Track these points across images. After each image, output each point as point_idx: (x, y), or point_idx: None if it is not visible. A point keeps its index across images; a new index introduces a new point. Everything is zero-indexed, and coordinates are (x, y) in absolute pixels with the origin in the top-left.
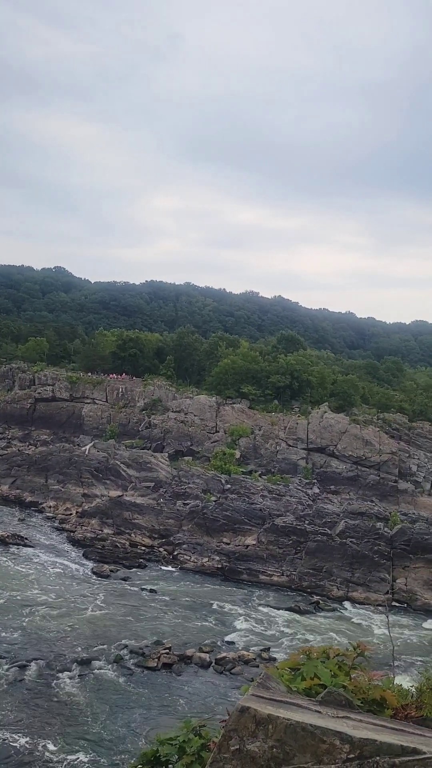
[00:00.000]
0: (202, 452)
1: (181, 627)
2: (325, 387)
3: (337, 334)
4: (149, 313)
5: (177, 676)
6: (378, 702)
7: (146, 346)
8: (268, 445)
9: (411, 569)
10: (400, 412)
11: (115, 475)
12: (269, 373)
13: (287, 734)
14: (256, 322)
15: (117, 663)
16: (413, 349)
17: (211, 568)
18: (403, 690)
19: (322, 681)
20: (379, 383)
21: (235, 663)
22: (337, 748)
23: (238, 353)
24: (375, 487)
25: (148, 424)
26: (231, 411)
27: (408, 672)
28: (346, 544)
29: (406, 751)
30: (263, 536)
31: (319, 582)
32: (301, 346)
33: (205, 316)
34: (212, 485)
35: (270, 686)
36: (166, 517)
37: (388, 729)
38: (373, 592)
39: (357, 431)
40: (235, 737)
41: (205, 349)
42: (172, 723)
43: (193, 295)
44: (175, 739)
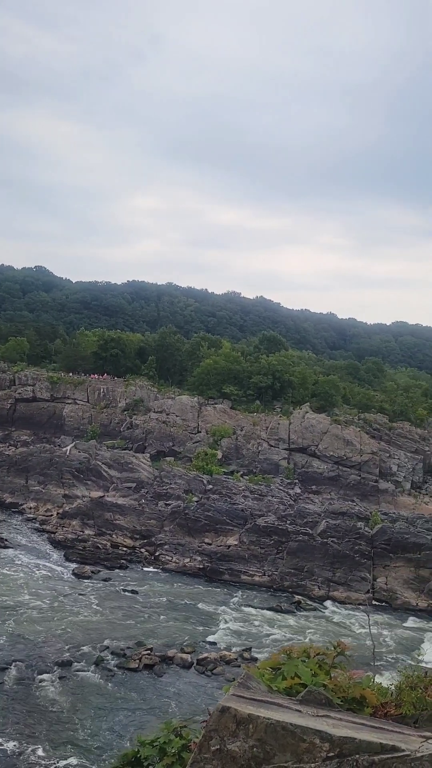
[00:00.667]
0: (183, 453)
1: (163, 628)
2: (307, 387)
3: (318, 335)
4: (131, 313)
5: (158, 677)
6: (358, 700)
7: (128, 346)
8: (249, 446)
9: (391, 568)
10: (380, 412)
11: (97, 476)
12: (251, 373)
13: (267, 734)
14: (238, 322)
15: (98, 665)
16: (394, 350)
17: (193, 568)
18: (383, 688)
19: (302, 680)
20: (360, 384)
21: (216, 663)
22: (317, 747)
23: (220, 354)
24: (356, 487)
25: (129, 424)
26: (213, 411)
27: (388, 670)
28: (328, 544)
29: (385, 749)
30: (245, 536)
31: (300, 582)
32: (282, 347)
33: (187, 316)
34: (194, 486)
35: (251, 686)
36: (147, 518)
37: (368, 727)
38: (354, 592)
39: (338, 431)
40: (215, 737)
41: (187, 349)
42: (153, 724)
43: (175, 296)
44: (156, 741)
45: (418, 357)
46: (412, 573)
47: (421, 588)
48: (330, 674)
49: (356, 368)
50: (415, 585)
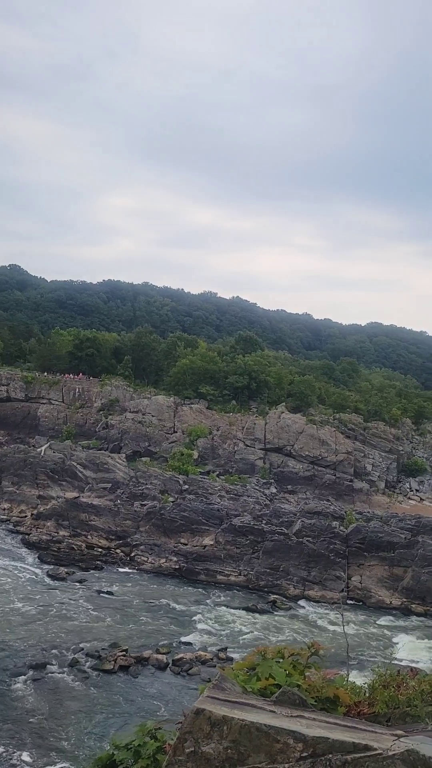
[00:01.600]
0: (159, 453)
1: (138, 629)
2: (283, 387)
3: (294, 335)
4: (106, 312)
5: (134, 678)
6: (331, 700)
7: (103, 345)
8: (225, 446)
9: (365, 567)
10: (355, 412)
11: (72, 477)
12: (227, 373)
13: (242, 735)
14: (214, 322)
15: (73, 666)
16: (368, 350)
17: (169, 568)
18: (356, 687)
19: (276, 681)
20: (335, 384)
21: (192, 663)
22: (291, 747)
23: (196, 353)
24: (331, 487)
25: (105, 424)
26: (189, 411)
27: (362, 669)
28: (303, 543)
29: (358, 748)
30: (221, 536)
31: (276, 581)
32: (258, 347)
33: (163, 316)
34: (170, 486)
35: (225, 687)
36: (123, 519)
37: (341, 726)
38: (329, 590)
39: (313, 431)
40: (190, 739)
41: (163, 349)
42: (128, 726)
43: (151, 295)
44: (131, 743)
45: (392, 357)
46: (386, 571)
47: (394, 586)
48: (304, 674)
49: (331, 368)
50: (389, 583)
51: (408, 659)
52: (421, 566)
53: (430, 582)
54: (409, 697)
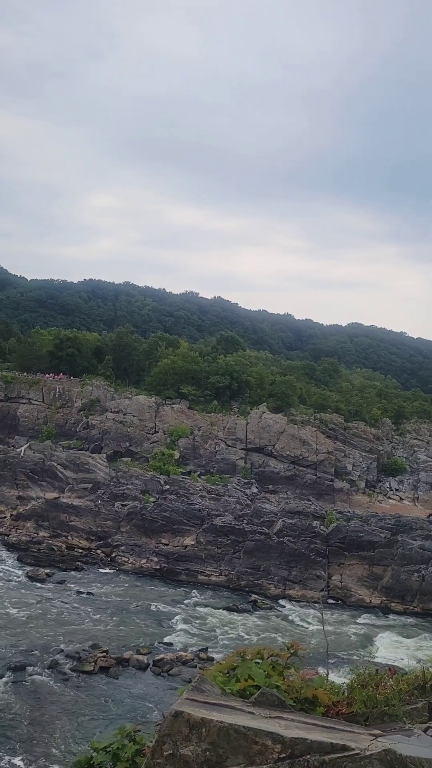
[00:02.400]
0: (140, 453)
1: (119, 629)
2: (264, 387)
3: (275, 335)
4: (88, 312)
5: (114, 679)
6: (310, 700)
7: (84, 345)
8: (207, 446)
9: (346, 566)
10: (336, 412)
11: (52, 477)
12: (209, 373)
13: (220, 737)
14: (195, 322)
15: (52, 668)
16: (349, 351)
17: (150, 569)
18: (335, 687)
19: (255, 682)
20: (317, 384)
21: (173, 664)
22: (269, 749)
23: (178, 353)
24: (312, 486)
25: (86, 424)
26: (170, 411)
27: (342, 667)
28: (284, 543)
29: (336, 748)
30: (202, 536)
31: (256, 581)
32: (240, 347)
33: (145, 315)
34: (151, 486)
35: (204, 689)
36: (103, 519)
37: (319, 727)
38: (310, 590)
39: (294, 431)
40: (168, 742)
41: (145, 349)
42: (108, 728)
43: (133, 295)
44: (110, 746)
45: (373, 358)
46: (365, 570)
47: (374, 585)
48: (283, 675)
49: (312, 369)
50: (369, 582)
51: (387, 658)
52: (401, 565)
53: (410, 581)
54: (387, 697)
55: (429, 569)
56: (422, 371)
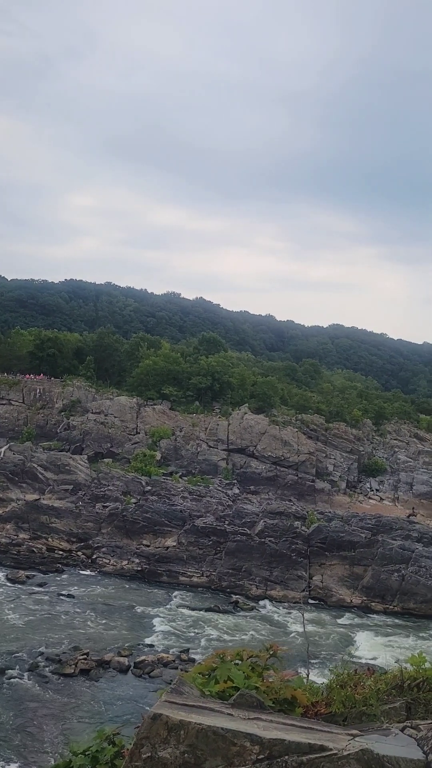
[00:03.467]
0: (122, 454)
1: (100, 631)
2: (246, 388)
3: (257, 336)
4: (68, 312)
5: (95, 681)
6: (289, 701)
7: (65, 346)
8: (188, 447)
9: (327, 566)
10: (317, 413)
11: (32, 478)
12: (190, 374)
13: (198, 739)
14: (177, 323)
15: (32, 671)
16: (330, 352)
17: (131, 570)
18: (314, 687)
19: (235, 683)
20: (298, 385)
21: (154, 666)
22: (248, 750)
23: (160, 354)
24: (293, 487)
25: (66, 425)
26: (152, 412)
27: (322, 668)
28: (265, 544)
29: (314, 749)
30: (183, 537)
31: (238, 581)
32: (222, 348)
33: (126, 316)
34: (132, 487)
35: (184, 691)
36: (84, 521)
37: (298, 728)
38: (291, 590)
39: (276, 432)
40: (147, 745)
41: (126, 349)
42: (88, 731)
43: (114, 295)
44: (89, 749)
45: (354, 359)
46: (346, 570)
47: (355, 585)
48: (262, 676)
49: (294, 370)
50: (350, 582)
51: (367, 657)
52: (381, 565)
53: (389, 581)
54: (365, 697)
55: (409, 569)
56: (402, 372)
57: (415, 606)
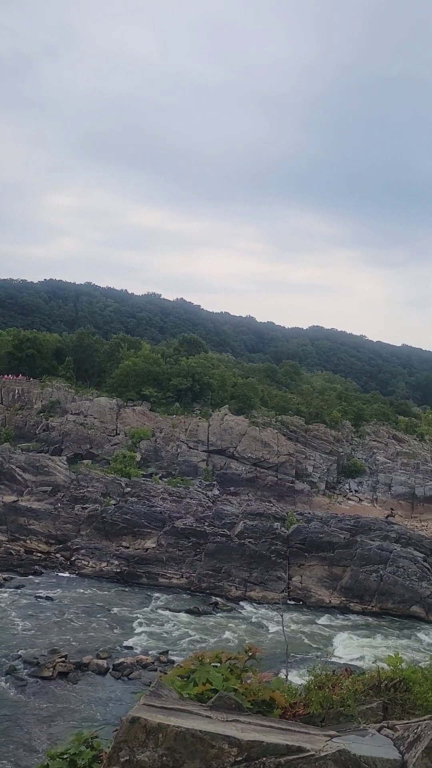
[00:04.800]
0: (101, 455)
1: (79, 634)
2: (226, 390)
3: (237, 338)
4: (48, 312)
5: (73, 684)
6: (267, 703)
7: (44, 346)
8: (169, 448)
9: (306, 567)
10: (297, 414)
11: (10, 480)
12: (171, 375)
13: (177, 742)
14: (158, 324)
15: (10, 674)
16: (310, 354)
17: (110, 572)
18: (293, 688)
19: (213, 686)
20: (278, 386)
21: (133, 668)
22: (226, 752)
23: (140, 355)
24: (273, 488)
25: (45, 426)
26: (132, 413)
27: (300, 668)
28: (245, 545)
29: (291, 750)
30: (163, 539)
31: (218, 583)
32: (202, 349)
33: (106, 316)
34: (112, 488)
35: (162, 694)
36: (63, 522)
37: (276, 729)
38: (270, 591)
39: (256, 433)
40: (125, 748)
41: (106, 350)
42: (66, 735)
43: (94, 296)
44: (66, 753)
45: (333, 360)
46: (325, 571)
47: (333, 585)
48: (241, 678)
49: (274, 371)
50: (329, 583)
51: (346, 657)
52: (359, 565)
53: (368, 581)
54: (342, 697)
55: (387, 569)
56: (381, 374)
57: (393, 606)
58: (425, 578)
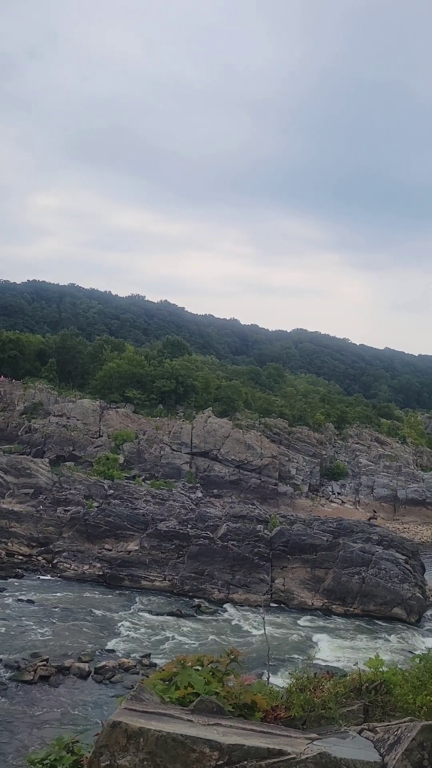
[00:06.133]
0: (84, 457)
1: (61, 637)
2: (210, 392)
3: (221, 340)
4: (31, 313)
5: (54, 688)
6: (249, 706)
7: (27, 347)
8: (152, 450)
9: (289, 569)
10: (280, 417)
11: None
12: (154, 377)
13: (158, 746)
14: (141, 325)
15: None
16: (294, 356)
17: (92, 575)
18: (274, 691)
19: (195, 689)
20: (262, 389)
21: (114, 671)
22: (207, 756)
23: (124, 357)
24: (256, 491)
25: (28, 428)
26: (115, 415)
27: (283, 671)
28: (228, 547)
29: (272, 753)
30: (146, 541)
31: (200, 585)
32: (186, 351)
33: (90, 318)
34: (95, 491)
35: (144, 698)
36: (45, 525)
37: (257, 733)
38: (253, 593)
39: (239, 435)
40: (105, 753)
41: (90, 352)
42: (47, 739)
43: (78, 297)
44: (47, 758)
45: (317, 363)
46: (308, 573)
47: (316, 588)
48: (223, 682)
49: (258, 373)
50: (311, 585)
51: (327, 659)
52: (342, 568)
53: (350, 583)
54: (324, 700)
55: (369, 571)
56: (364, 377)
57: (375, 608)
58: (407, 580)
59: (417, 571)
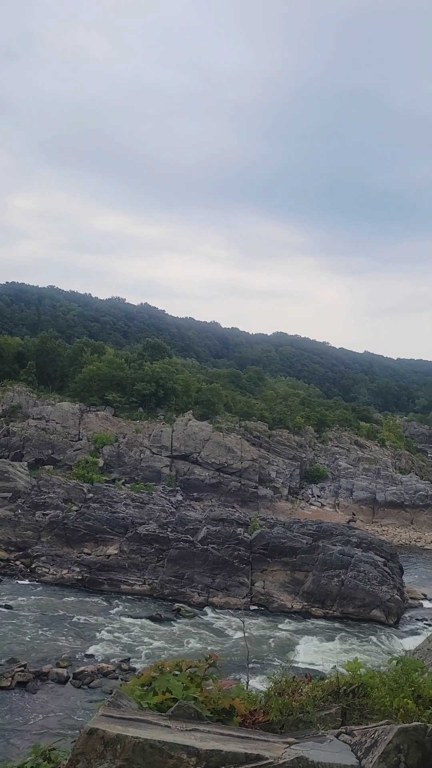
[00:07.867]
0: (63, 461)
1: (39, 642)
2: (190, 395)
3: (202, 343)
4: (9, 316)
5: (32, 694)
6: (227, 711)
7: (6, 350)
8: (132, 453)
9: (268, 572)
10: (260, 420)
11: None
12: (134, 380)
13: (135, 753)
14: (122, 328)
15: None
16: (274, 359)
17: (71, 579)
18: (253, 695)
19: (173, 695)
20: (242, 392)
21: (93, 676)
22: (184, 762)
23: (103, 360)
24: (236, 494)
25: (6, 431)
26: (95, 418)
27: (261, 675)
28: (208, 551)
29: (250, 758)
30: (125, 545)
31: (180, 589)
32: (166, 354)
33: (70, 320)
34: (74, 494)
35: (121, 704)
36: (23, 529)
37: (235, 738)
38: (233, 597)
39: (220, 439)
40: (82, 760)
41: (69, 354)
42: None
43: (57, 299)
44: (23, 766)
45: (297, 366)
46: (287, 576)
47: (296, 591)
48: (201, 686)
49: (238, 377)
50: (291, 588)
51: (307, 662)
52: (321, 570)
53: (329, 585)
54: (302, 704)
55: (348, 574)
56: (344, 380)
57: (354, 610)
58: (385, 582)
59: (395, 573)
